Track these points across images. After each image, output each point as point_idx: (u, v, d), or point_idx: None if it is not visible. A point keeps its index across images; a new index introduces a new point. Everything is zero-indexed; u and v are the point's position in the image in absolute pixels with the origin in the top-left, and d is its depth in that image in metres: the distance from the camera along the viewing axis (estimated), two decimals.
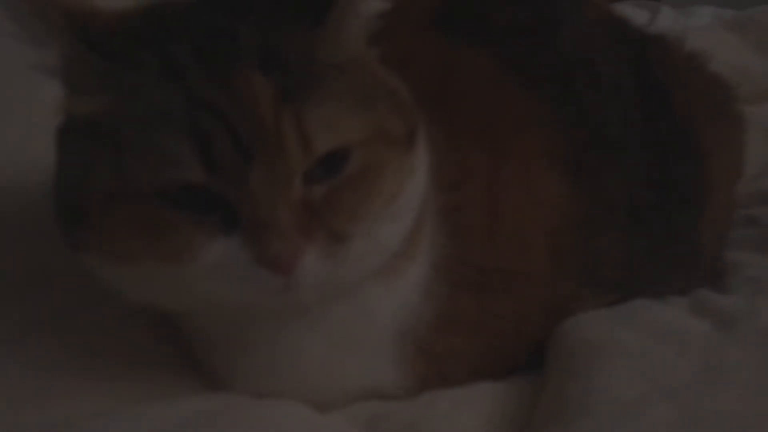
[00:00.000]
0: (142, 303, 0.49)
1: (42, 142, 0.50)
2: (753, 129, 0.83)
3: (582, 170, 0.61)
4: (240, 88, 0.42)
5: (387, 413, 0.54)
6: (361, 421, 0.53)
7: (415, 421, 0.53)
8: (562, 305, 0.60)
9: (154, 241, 0.44)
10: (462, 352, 0.57)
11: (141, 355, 0.56)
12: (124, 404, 0.52)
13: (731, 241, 0.75)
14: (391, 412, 0.54)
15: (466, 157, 0.55)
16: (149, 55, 0.43)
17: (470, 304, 0.56)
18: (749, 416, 0.48)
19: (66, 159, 0.47)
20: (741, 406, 0.48)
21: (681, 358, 0.53)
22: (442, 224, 0.55)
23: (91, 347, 0.56)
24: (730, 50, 1.16)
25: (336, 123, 0.44)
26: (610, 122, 0.65)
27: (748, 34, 1.29)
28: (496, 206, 0.57)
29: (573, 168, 0.60)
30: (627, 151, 0.65)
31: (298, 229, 0.43)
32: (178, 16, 0.46)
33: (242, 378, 0.54)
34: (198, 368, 0.56)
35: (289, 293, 0.44)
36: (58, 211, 0.47)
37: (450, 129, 0.54)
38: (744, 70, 1.06)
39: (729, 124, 0.78)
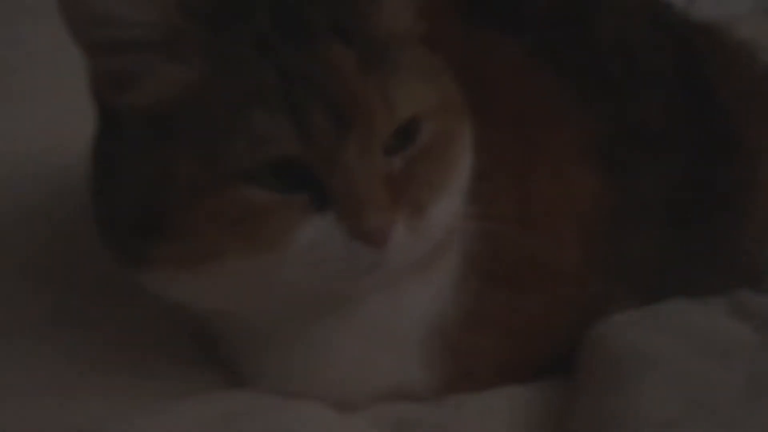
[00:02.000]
0: (196, 306, 0.49)
1: (68, 126, 0.49)
2: None
3: (616, 164, 0.59)
4: (327, 59, 0.43)
5: (412, 416, 0.53)
6: (385, 424, 0.52)
7: (442, 425, 0.52)
8: (593, 305, 0.58)
9: (245, 230, 0.43)
10: (490, 351, 0.55)
11: (166, 352, 0.56)
12: (147, 401, 0.52)
13: None
14: (417, 416, 0.53)
15: (496, 146, 0.53)
16: (244, 28, 0.43)
17: (500, 301, 0.55)
18: None
19: (123, 167, 0.45)
20: None
21: (722, 368, 0.51)
22: (473, 215, 0.53)
23: (117, 342, 0.56)
24: None
25: (413, 90, 0.45)
26: (648, 115, 0.62)
27: None
28: (527, 198, 0.55)
29: (607, 161, 0.58)
30: (666, 146, 0.62)
31: (389, 201, 0.43)
32: None
33: (269, 377, 0.53)
34: (222, 367, 0.55)
35: (381, 268, 0.44)
36: (112, 231, 0.46)
37: (479, 117, 0.52)
38: None
39: None
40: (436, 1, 0.68)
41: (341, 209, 0.43)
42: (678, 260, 0.62)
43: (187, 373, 0.55)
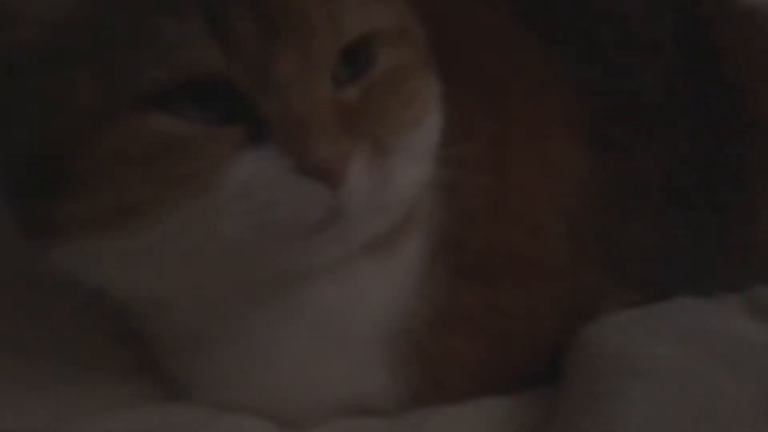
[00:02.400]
0: (121, 291, 0.42)
1: None
2: None
3: (608, 143, 0.54)
4: None
5: None
6: None
7: None
8: (582, 302, 0.53)
9: (160, 171, 0.36)
10: (462, 355, 0.50)
11: (97, 361, 0.51)
12: (76, 414, 0.47)
13: None
14: None
15: (469, 116, 0.48)
16: None
17: (472, 297, 0.49)
18: None
19: (15, 115, 0.39)
20: None
21: (731, 378, 0.45)
22: (439, 198, 0.48)
23: (45, 352, 0.51)
24: None
25: (363, 5, 0.40)
26: (645, 88, 0.57)
27: None
28: (501, 179, 0.50)
29: (597, 140, 0.53)
30: (666, 123, 0.57)
31: (343, 130, 0.37)
32: None
33: (203, 385, 0.47)
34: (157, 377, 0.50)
35: (339, 218, 0.37)
36: (14, 198, 0.40)
37: (450, 85, 0.47)
38: None
39: None
40: None
41: (282, 139, 0.36)
42: (682, 249, 0.57)
43: (122, 383, 0.50)
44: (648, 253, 0.55)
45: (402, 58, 0.42)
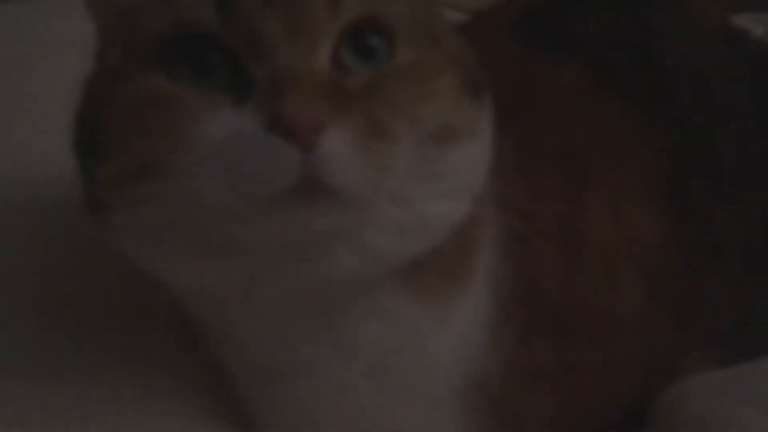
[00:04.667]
0: (166, 277, 0.43)
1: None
2: None
3: (686, 204, 0.53)
4: None
5: None
6: None
7: None
8: (659, 360, 0.52)
9: (153, 125, 0.37)
10: (537, 410, 0.49)
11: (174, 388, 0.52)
12: None
13: None
14: None
15: (540, 179, 0.48)
16: None
17: (547, 353, 0.49)
18: None
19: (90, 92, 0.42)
20: None
21: None
22: (507, 251, 0.48)
23: (121, 379, 0.52)
24: None
25: None
26: (723, 149, 0.56)
27: None
28: (577, 237, 0.49)
29: (674, 198, 0.53)
30: (744, 184, 0.56)
31: (323, 95, 0.35)
32: None
33: (272, 419, 0.48)
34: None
35: (315, 181, 0.35)
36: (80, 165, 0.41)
37: (525, 148, 0.47)
38: None
39: None
40: (488, 21, 0.65)
41: (259, 98, 0.35)
42: (761, 309, 0.56)
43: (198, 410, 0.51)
44: (726, 312, 0.54)
45: (426, 59, 0.40)
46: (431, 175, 0.39)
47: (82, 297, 0.53)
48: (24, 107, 0.70)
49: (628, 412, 0.51)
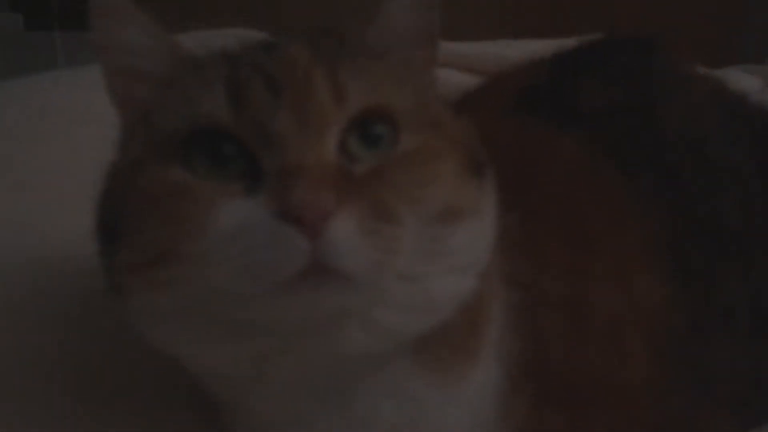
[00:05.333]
0: (184, 357, 0.44)
1: None
2: None
3: (690, 269, 0.54)
4: (281, 51, 0.43)
5: None
6: None
7: None
8: (672, 427, 0.51)
9: (167, 210, 0.39)
10: None
11: None
12: None
13: None
14: None
15: (544, 252, 0.49)
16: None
17: (558, 424, 0.49)
18: None
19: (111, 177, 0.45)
20: None
21: None
22: (515, 323, 0.49)
23: None
24: None
25: (374, 81, 0.42)
26: (726, 213, 0.57)
27: None
28: (583, 307, 0.50)
29: (678, 264, 0.53)
30: (750, 248, 0.57)
31: (330, 184, 0.37)
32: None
33: None
34: None
35: (323, 265, 0.36)
36: (99, 253, 0.44)
37: (528, 222, 0.48)
38: None
39: None
40: (488, 92, 0.67)
41: (270, 188, 0.38)
42: None
43: None
44: (737, 375, 0.54)
45: (428, 144, 0.42)
46: (437, 253, 0.41)
47: (103, 377, 0.54)
48: (43, 179, 0.71)
49: None
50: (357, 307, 0.40)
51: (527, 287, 0.48)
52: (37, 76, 0.88)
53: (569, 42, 0.66)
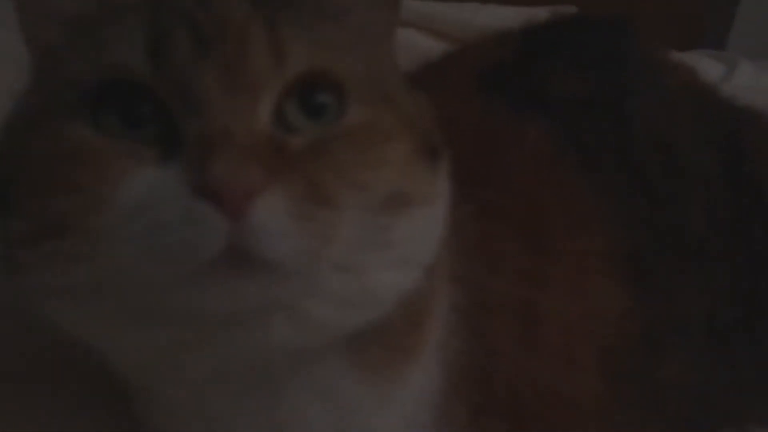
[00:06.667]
0: (87, 339, 0.38)
1: None
2: None
3: (649, 279, 0.51)
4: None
5: None
6: None
7: None
8: None
9: (66, 174, 0.34)
10: None
11: None
12: None
13: None
14: None
15: (499, 250, 0.46)
16: None
17: None
18: None
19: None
20: None
21: None
22: (460, 325, 0.45)
23: None
24: None
25: (323, 43, 0.37)
26: (689, 221, 0.55)
27: None
28: (535, 314, 0.47)
29: (637, 273, 0.51)
30: (707, 256, 0.54)
31: (258, 157, 0.32)
32: None
33: None
34: None
35: (246, 252, 0.32)
36: None
37: (484, 214, 0.45)
38: None
39: None
40: (452, 67, 0.62)
41: (187, 157, 0.33)
42: (723, 391, 0.54)
43: None
44: (687, 391, 0.52)
45: (379, 121, 0.38)
46: (379, 243, 0.37)
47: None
48: None
49: None
50: (284, 299, 0.35)
51: (477, 288, 0.45)
52: None
53: (541, 13, 0.63)
